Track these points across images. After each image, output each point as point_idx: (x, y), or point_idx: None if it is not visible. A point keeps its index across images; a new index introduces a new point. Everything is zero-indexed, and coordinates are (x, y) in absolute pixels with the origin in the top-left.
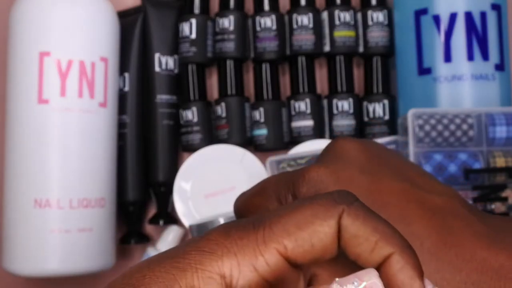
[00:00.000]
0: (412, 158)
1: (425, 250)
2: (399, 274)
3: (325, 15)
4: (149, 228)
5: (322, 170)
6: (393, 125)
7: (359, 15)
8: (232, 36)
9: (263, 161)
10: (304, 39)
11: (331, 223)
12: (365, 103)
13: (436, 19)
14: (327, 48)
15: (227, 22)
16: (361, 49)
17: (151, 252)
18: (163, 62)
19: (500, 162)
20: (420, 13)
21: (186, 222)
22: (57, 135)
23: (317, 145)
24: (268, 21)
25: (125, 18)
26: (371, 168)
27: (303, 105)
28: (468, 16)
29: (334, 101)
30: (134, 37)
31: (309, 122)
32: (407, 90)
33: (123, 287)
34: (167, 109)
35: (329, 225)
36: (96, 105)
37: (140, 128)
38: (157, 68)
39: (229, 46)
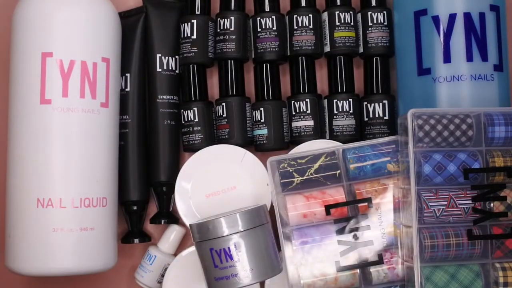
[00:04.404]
0: (411, 157)
1: None
2: None
3: (325, 15)
4: (150, 227)
5: None
6: (392, 125)
7: (359, 16)
8: (232, 37)
9: (263, 161)
10: (304, 40)
11: None
12: (365, 103)
13: (436, 20)
14: (327, 48)
15: (228, 23)
16: (361, 49)
17: (153, 251)
18: (164, 62)
19: (499, 161)
20: (420, 14)
21: (187, 221)
22: (59, 135)
23: (317, 145)
24: (268, 22)
25: (127, 19)
26: None
27: (303, 105)
28: (467, 17)
29: (334, 101)
30: (136, 38)
31: (309, 122)
32: (407, 90)
33: None
34: (168, 109)
35: None
36: (98, 105)
37: (141, 128)
38: (158, 69)
39: (230, 46)
